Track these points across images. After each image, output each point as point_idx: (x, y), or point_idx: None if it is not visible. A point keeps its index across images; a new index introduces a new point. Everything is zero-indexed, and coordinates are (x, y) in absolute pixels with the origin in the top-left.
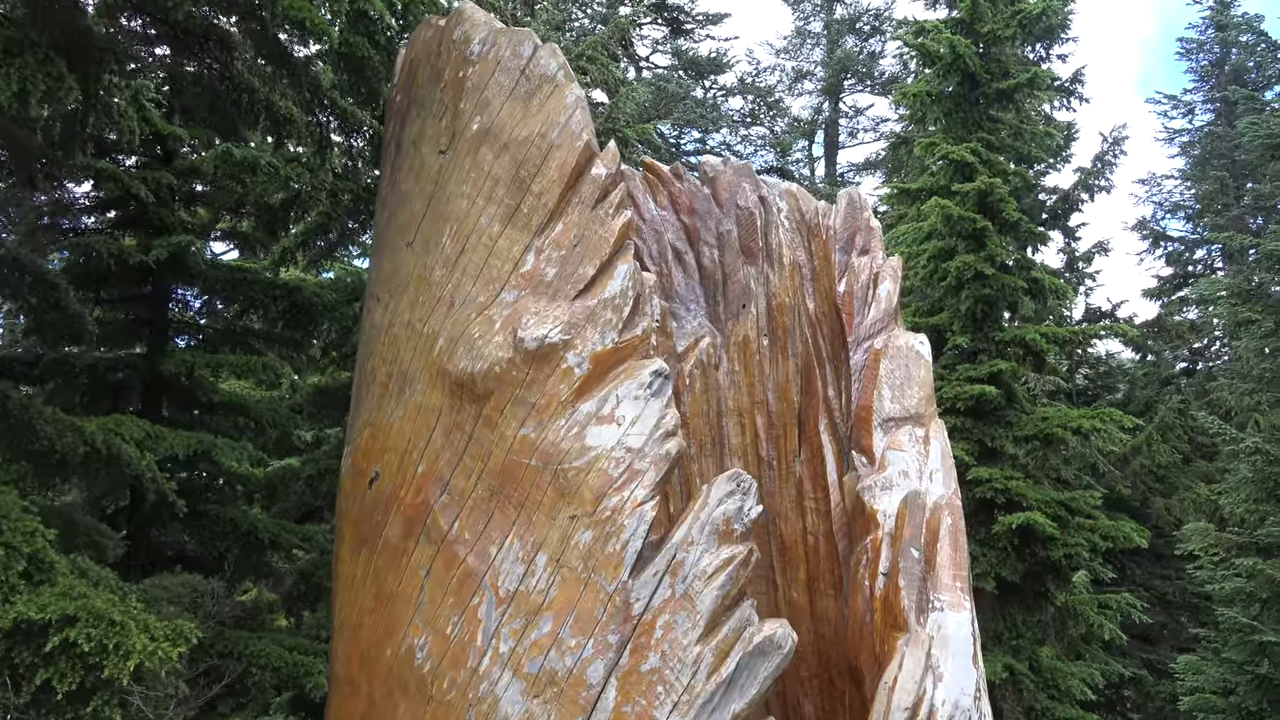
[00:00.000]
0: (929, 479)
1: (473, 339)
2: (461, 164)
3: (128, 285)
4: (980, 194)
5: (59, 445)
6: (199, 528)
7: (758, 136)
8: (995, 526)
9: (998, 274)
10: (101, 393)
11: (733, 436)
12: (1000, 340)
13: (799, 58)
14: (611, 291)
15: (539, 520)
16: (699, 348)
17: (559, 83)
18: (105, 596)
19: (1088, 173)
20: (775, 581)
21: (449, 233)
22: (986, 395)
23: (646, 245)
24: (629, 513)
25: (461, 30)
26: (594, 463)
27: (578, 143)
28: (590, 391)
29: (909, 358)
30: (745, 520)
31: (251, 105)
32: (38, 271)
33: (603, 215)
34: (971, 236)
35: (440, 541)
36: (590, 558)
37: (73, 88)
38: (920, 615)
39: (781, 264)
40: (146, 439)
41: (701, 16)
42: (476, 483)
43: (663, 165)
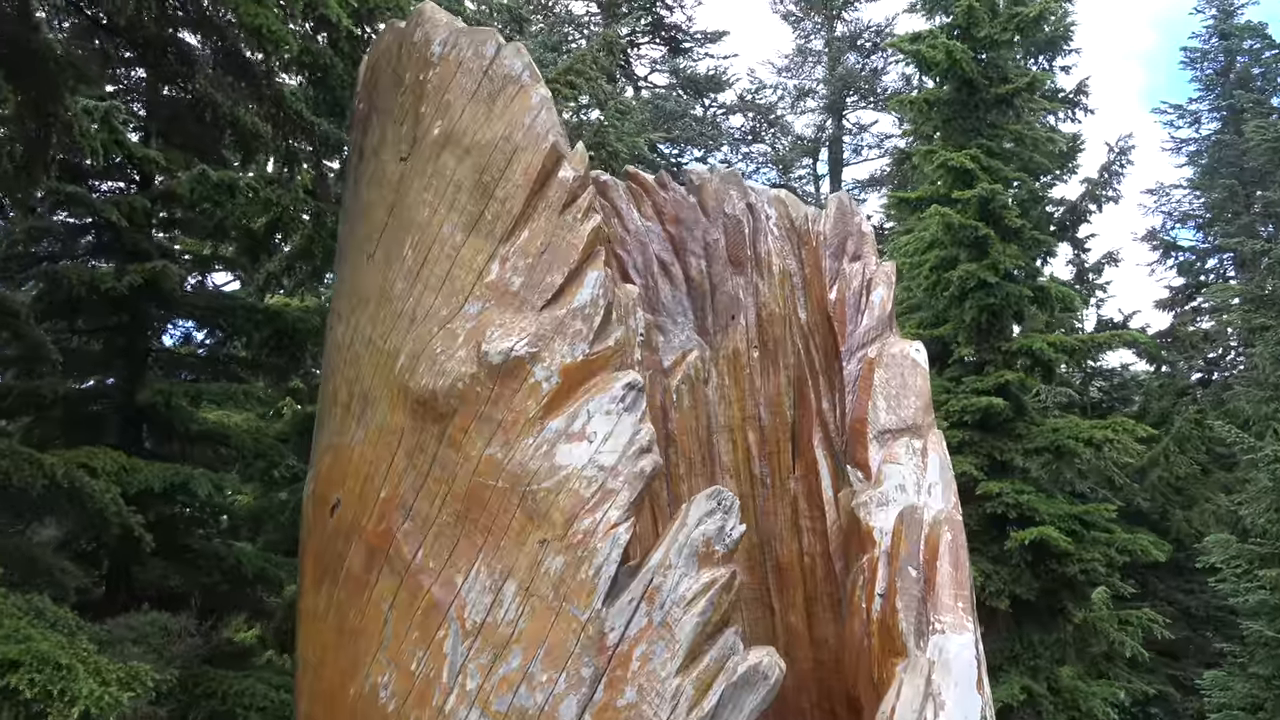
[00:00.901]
0: (927, 493)
1: (435, 354)
2: (423, 171)
3: (103, 314)
4: (981, 201)
5: (15, 478)
6: (182, 562)
7: (759, 154)
8: (1007, 543)
9: (1002, 282)
10: (78, 424)
11: (724, 454)
12: (1007, 351)
13: (801, 76)
14: (581, 300)
15: (507, 546)
16: (686, 362)
17: (524, 83)
18: (53, 639)
19: (1095, 184)
20: (772, 605)
21: (410, 243)
22: (994, 407)
23: (631, 257)
24: (602, 536)
25: (422, 32)
26: (564, 483)
27: (543, 144)
28: (560, 407)
29: (904, 366)
30: (727, 541)
31: (216, 121)
32: None
33: (571, 220)
34: (973, 245)
35: (404, 572)
36: (561, 585)
37: (6, 99)
38: (920, 639)
39: (771, 273)
40: (120, 471)
41: (700, 35)
42: (441, 507)
43: (647, 174)
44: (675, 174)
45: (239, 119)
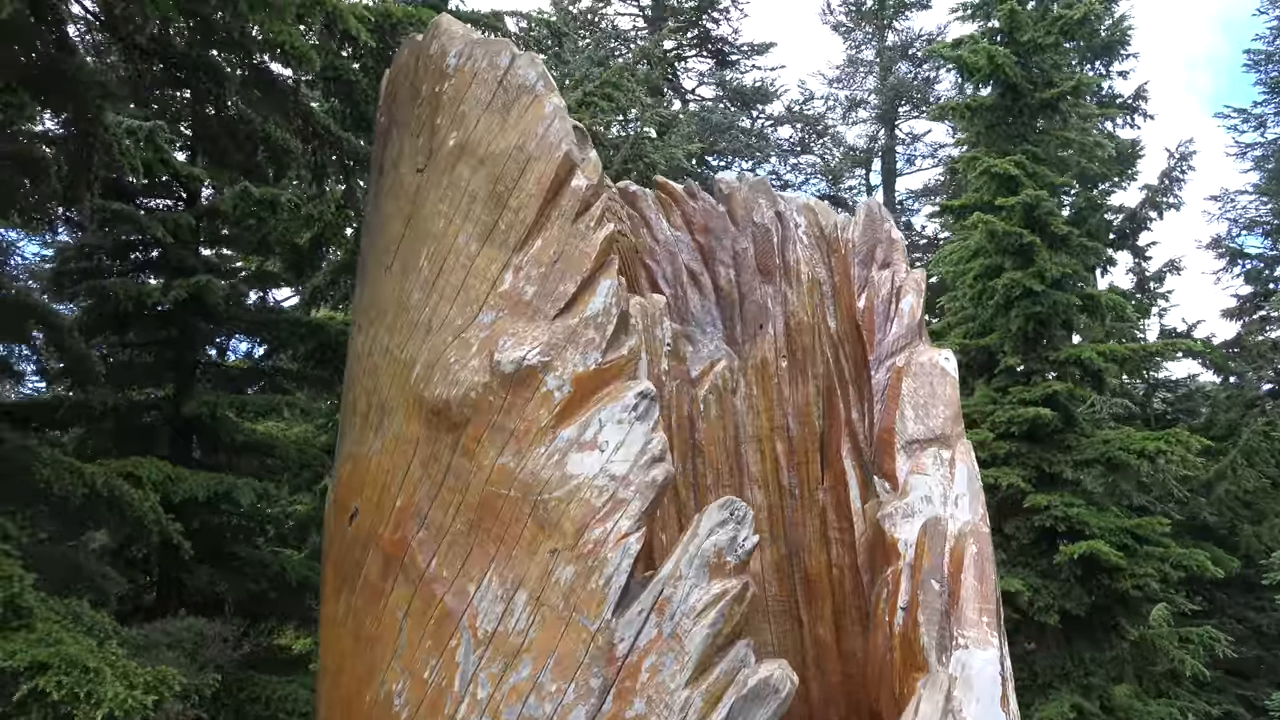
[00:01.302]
0: (954, 504)
1: (449, 364)
2: (439, 182)
3: (152, 328)
4: (1026, 207)
5: (56, 487)
6: (229, 570)
7: (807, 165)
8: (1056, 557)
9: (1048, 290)
10: (129, 435)
11: (752, 464)
12: (1055, 360)
13: (852, 86)
14: (594, 309)
15: (519, 555)
16: (714, 371)
17: (538, 93)
18: (84, 643)
19: (1155, 190)
20: (800, 618)
21: (426, 254)
22: (1042, 418)
23: (660, 267)
24: (612, 545)
25: (438, 44)
26: (575, 492)
27: (556, 153)
28: (572, 416)
29: (933, 375)
30: (740, 552)
31: (250, 137)
32: (42, 313)
33: (583, 229)
34: (1018, 252)
35: (418, 580)
36: (572, 595)
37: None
38: (942, 653)
39: (799, 281)
40: (165, 481)
41: (747, 47)
42: (455, 516)
43: (676, 184)
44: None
45: (270, 135)
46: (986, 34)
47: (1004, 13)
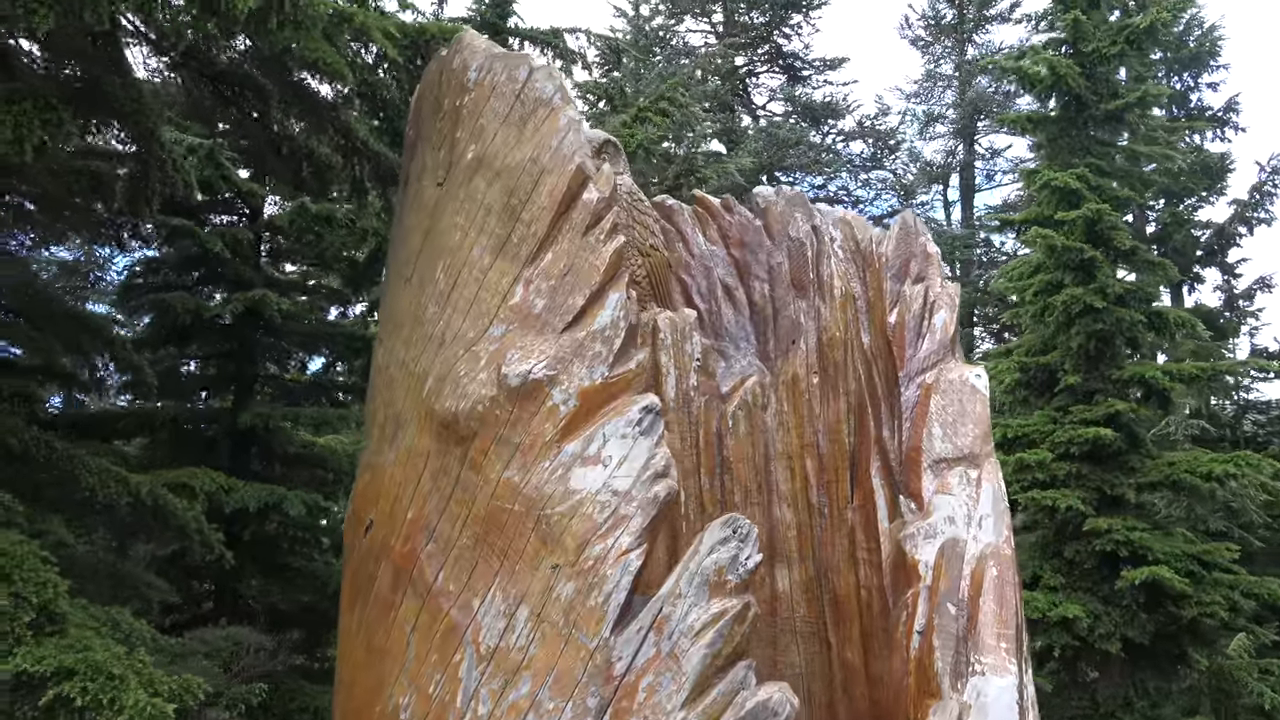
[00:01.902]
0: (977, 525)
1: (459, 377)
2: (456, 195)
3: (214, 341)
4: (1087, 222)
5: (101, 494)
6: (282, 581)
7: (878, 180)
8: (1118, 582)
9: (1111, 307)
10: (188, 446)
11: (781, 482)
12: (1118, 379)
13: (930, 101)
14: (601, 323)
15: (522, 570)
16: (744, 387)
17: (554, 105)
18: (114, 649)
19: (1245, 205)
20: (828, 640)
21: (442, 267)
22: (1103, 439)
23: (695, 281)
24: (613, 562)
25: (460, 58)
26: (578, 507)
27: (569, 166)
28: (577, 430)
29: (963, 392)
30: (741, 570)
31: (293, 153)
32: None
33: (593, 242)
34: (1079, 268)
35: (425, 594)
36: (571, 611)
37: (72, 133)
38: (957, 679)
39: (832, 296)
40: (219, 491)
41: (819, 62)
42: (462, 530)
43: (713, 198)
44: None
45: (314, 151)
46: (1050, 44)
47: (1067, 22)
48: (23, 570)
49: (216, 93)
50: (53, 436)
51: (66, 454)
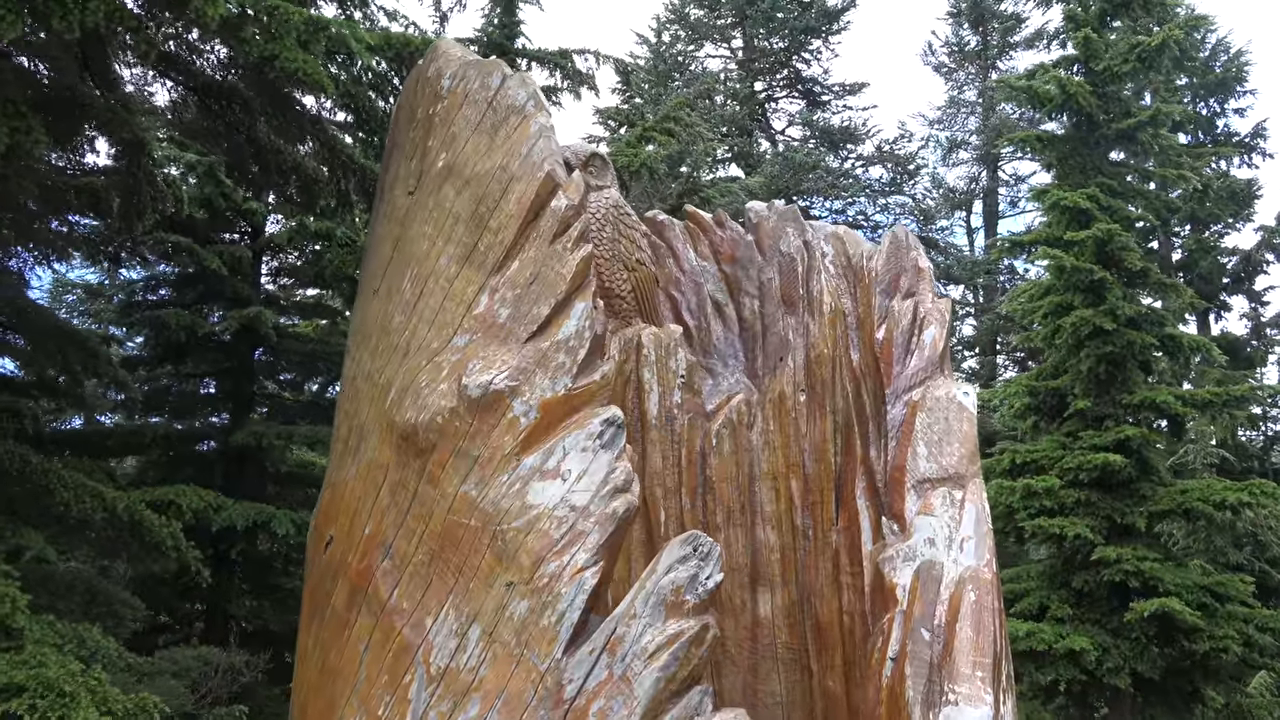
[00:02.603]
0: (958, 548)
1: (420, 388)
2: (425, 203)
3: (210, 359)
4: (1098, 242)
5: (75, 510)
6: (275, 601)
7: (897, 205)
8: (1128, 614)
9: (1121, 329)
10: (181, 464)
11: (766, 503)
12: (1128, 404)
13: (953, 127)
14: (566, 333)
15: (476, 588)
16: (729, 406)
17: (527, 113)
18: (69, 667)
19: (1272, 231)
20: (810, 667)
21: (409, 276)
22: (1112, 465)
23: (685, 297)
24: (567, 580)
25: (435, 66)
26: (534, 523)
27: (539, 173)
28: (537, 443)
29: (949, 410)
30: (700, 591)
31: (280, 167)
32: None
33: (560, 250)
34: (1089, 289)
35: (379, 612)
36: (524, 631)
37: (40, 140)
38: (928, 709)
39: (821, 312)
40: (206, 509)
41: (838, 87)
42: (418, 546)
43: (705, 214)
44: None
45: (300, 164)
46: (1062, 63)
47: (1078, 40)
48: None
49: (203, 105)
50: (29, 450)
51: (41, 468)
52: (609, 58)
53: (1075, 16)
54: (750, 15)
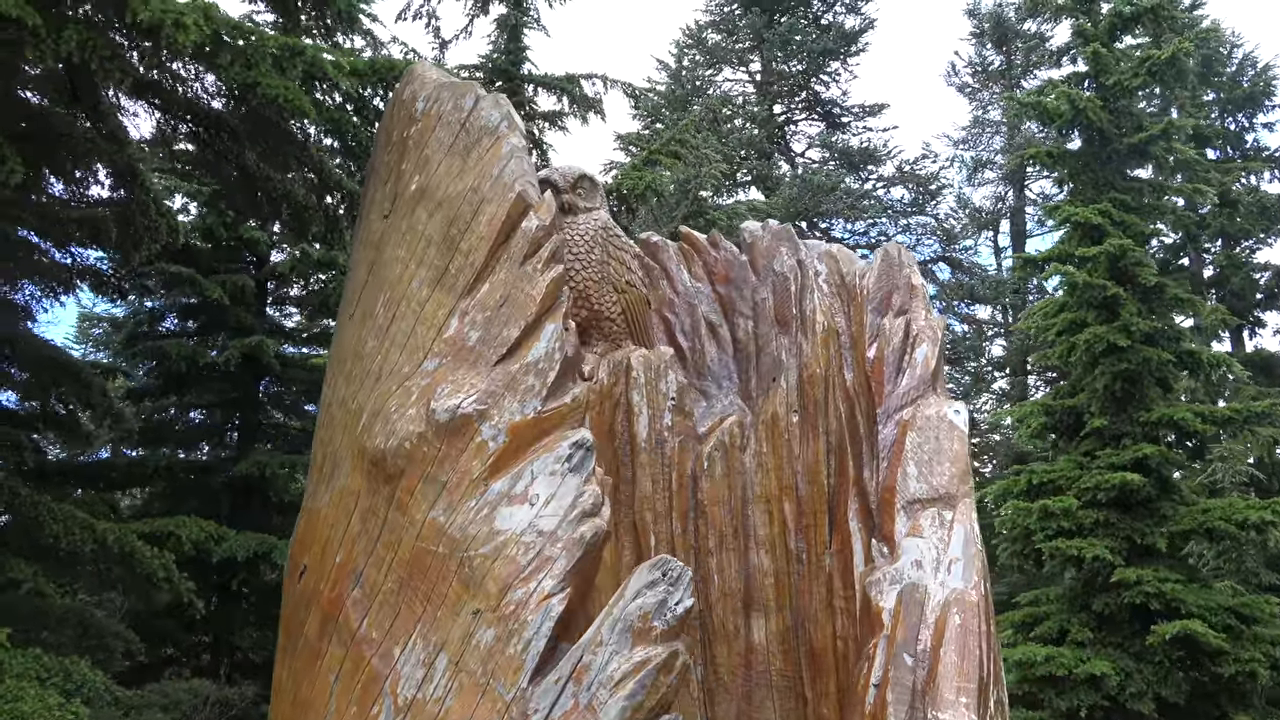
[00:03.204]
0: (946, 570)
1: (389, 413)
2: (399, 227)
3: (214, 389)
4: (1110, 258)
5: (65, 541)
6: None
7: (919, 225)
8: (1150, 637)
9: (1137, 346)
10: (186, 494)
11: (759, 527)
12: (1146, 422)
13: (978, 147)
14: (535, 355)
15: (443, 616)
16: (721, 427)
17: (500, 134)
18: (46, 700)
19: None
20: (804, 695)
21: (382, 300)
22: (1130, 484)
23: (679, 319)
24: (534, 607)
25: (410, 90)
26: (501, 549)
27: (509, 194)
28: (506, 468)
29: (939, 429)
30: (668, 617)
31: (270, 194)
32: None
33: (530, 271)
34: (1102, 305)
35: (349, 642)
36: (490, 660)
37: (15, 170)
38: None
39: (814, 331)
40: (207, 539)
41: (858, 109)
42: (387, 574)
43: (699, 235)
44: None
45: (290, 191)
46: (1072, 79)
47: (1087, 54)
48: None
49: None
50: (19, 482)
51: (30, 500)
52: (616, 82)
53: (1085, 32)
54: (767, 39)
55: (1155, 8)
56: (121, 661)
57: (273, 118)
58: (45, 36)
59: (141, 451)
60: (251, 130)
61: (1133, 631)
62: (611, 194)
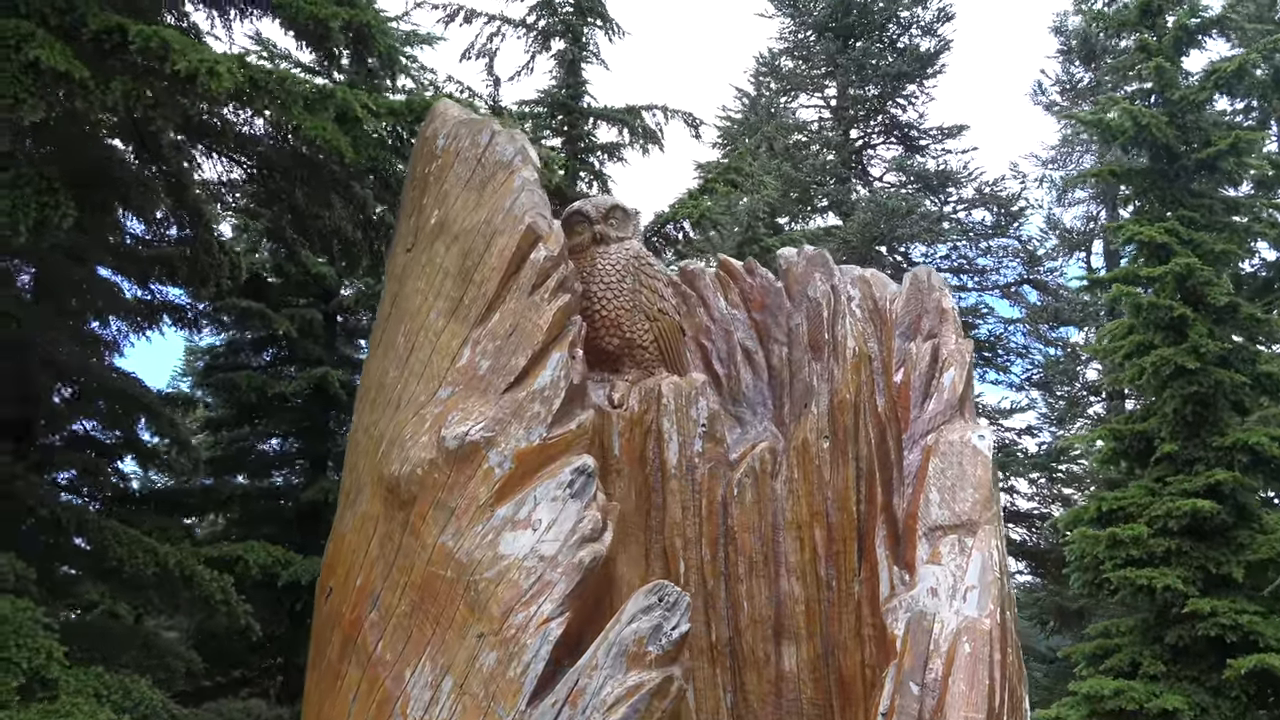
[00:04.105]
0: (961, 598)
1: (404, 441)
2: (419, 260)
3: (287, 419)
4: (1178, 278)
5: (129, 565)
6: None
7: (1000, 248)
8: (1226, 671)
9: (1208, 368)
10: (261, 521)
11: (790, 553)
12: (1219, 446)
13: (1068, 166)
14: (541, 383)
15: (450, 640)
16: (753, 454)
17: (514, 168)
18: (98, 715)
19: None
20: None
21: (403, 331)
22: (1203, 511)
23: (715, 346)
24: (533, 631)
25: (432, 127)
26: (505, 573)
27: (520, 226)
28: (511, 494)
29: (963, 454)
30: (664, 641)
31: (320, 231)
32: (145, 403)
33: (538, 301)
34: (1169, 327)
35: (366, 663)
36: (492, 683)
37: (69, 214)
38: None
39: (845, 357)
40: (274, 564)
41: (936, 131)
42: (400, 598)
43: (735, 261)
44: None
45: (340, 228)
46: (1137, 95)
47: (1150, 69)
48: (19, 636)
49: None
50: (85, 508)
51: (97, 525)
52: (677, 112)
53: (1148, 46)
54: (841, 64)
55: (1222, 19)
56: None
57: (313, 157)
58: (94, 89)
59: (223, 478)
60: (297, 169)
61: (1208, 665)
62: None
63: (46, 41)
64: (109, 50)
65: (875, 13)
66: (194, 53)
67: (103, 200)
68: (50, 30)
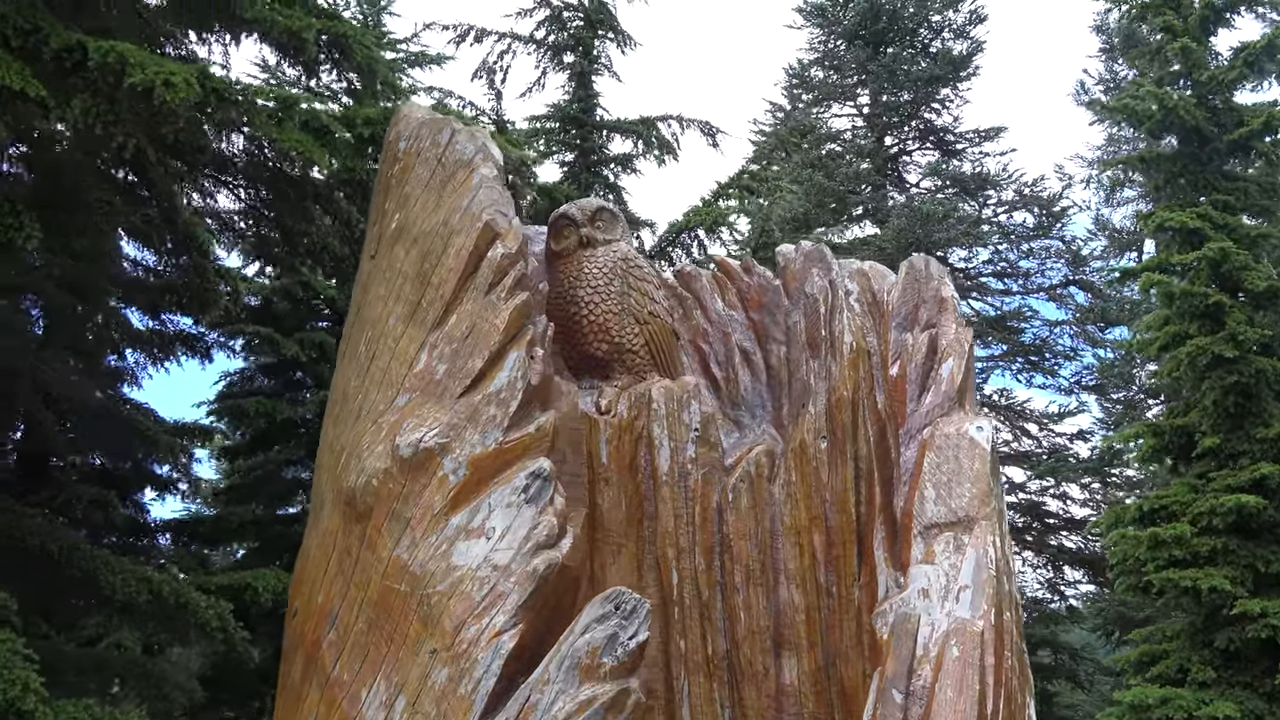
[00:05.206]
0: (953, 599)
1: (361, 451)
2: (380, 266)
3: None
4: (1212, 263)
5: (121, 593)
6: None
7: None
8: (1277, 677)
9: (1247, 357)
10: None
11: (789, 560)
12: (1264, 438)
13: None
14: (498, 385)
15: (404, 657)
16: (748, 458)
17: (474, 165)
18: None
19: None
20: None
21: (364, 339)
22: (1248, 507)
23: (712, 349)
24: (485, 645)
25: (395, 130)
26: (457, 585)
27: (477, 224)
28: (466, 501)
29: (960, 447)
30: (619, 653)
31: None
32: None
33: (495, 301)
34: (1205, 315)
35: (324, 684)
36: (443, 701)
37: (33, 235)
38: None
39: (842, 353)
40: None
41: (972, 134)
42: (358, 615)
43: (732, 261)
44: None
45: (327, 243)
46: (1163, 79)
47: (1176, 50)
48: None
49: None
50: (80, 538)
51: (89, 554)
52: (692, 122)
53: (1173, 27)
54: (873, 71)
55: None
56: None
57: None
58: (54, 106)
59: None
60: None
61: (1261, 670)
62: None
63: (3, 61)
64: (70, 69)
65: (905, 18)
66: (151, 66)
67: (81, 224)
68: (11, 52)
